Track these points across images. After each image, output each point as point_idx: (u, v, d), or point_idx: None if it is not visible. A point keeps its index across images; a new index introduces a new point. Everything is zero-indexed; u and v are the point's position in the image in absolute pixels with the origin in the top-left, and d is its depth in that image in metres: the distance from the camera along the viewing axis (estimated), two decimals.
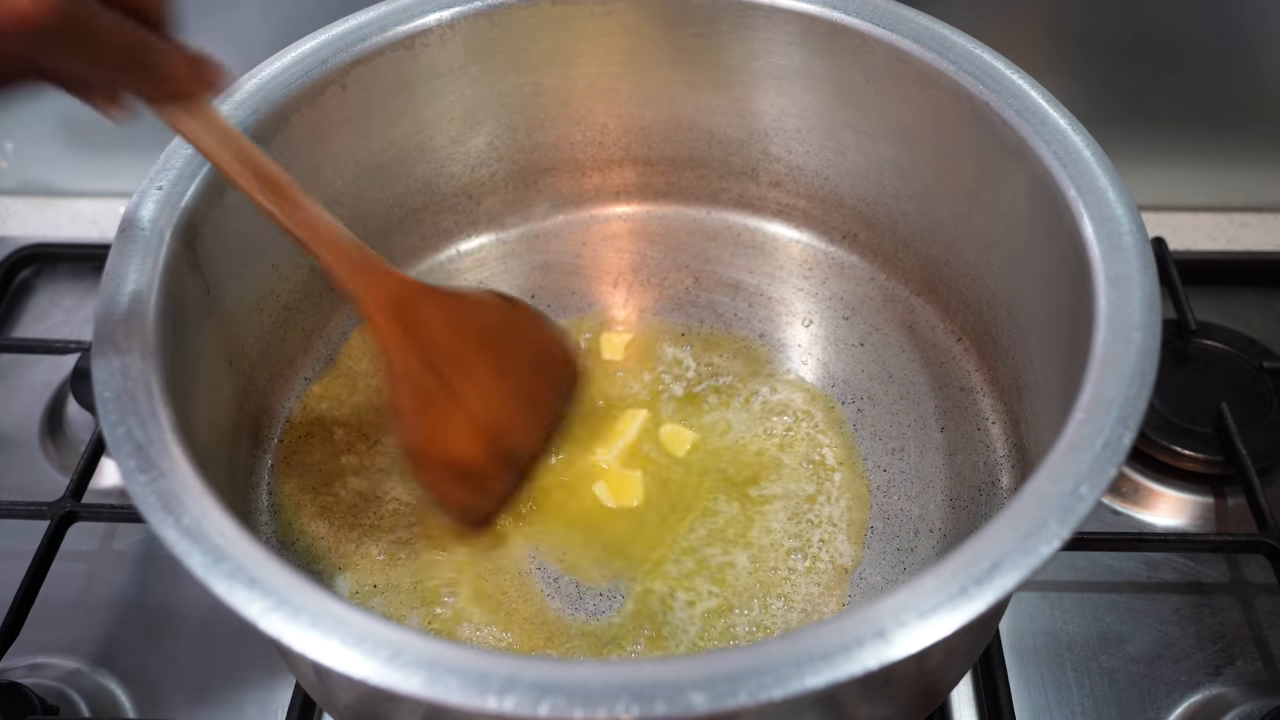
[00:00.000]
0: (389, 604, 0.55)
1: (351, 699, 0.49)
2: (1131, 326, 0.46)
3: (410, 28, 0.61)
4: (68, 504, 0.63)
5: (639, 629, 0.54)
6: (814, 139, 0.67)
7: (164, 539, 0.41)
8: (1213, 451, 0.67)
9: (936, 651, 0.39)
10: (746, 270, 0.69)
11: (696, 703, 0.36)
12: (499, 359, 0.57)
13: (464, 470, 0.56)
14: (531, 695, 0.36)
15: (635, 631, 0.54)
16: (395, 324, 0.53)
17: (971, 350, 0.64)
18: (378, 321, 0.52)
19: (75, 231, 0.86)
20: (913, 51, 0.58)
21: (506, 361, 0.58)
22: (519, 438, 0.58)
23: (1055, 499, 0.41)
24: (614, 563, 0.57)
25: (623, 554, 0.57)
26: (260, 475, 0.60)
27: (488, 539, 0.57)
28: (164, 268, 0.50)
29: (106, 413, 0.45)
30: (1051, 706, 0.59)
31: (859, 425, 0.62)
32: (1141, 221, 0.50)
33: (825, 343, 0.66)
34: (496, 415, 0.57)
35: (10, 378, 0.75)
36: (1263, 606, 0.62)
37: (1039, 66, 0.58)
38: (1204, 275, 0.77)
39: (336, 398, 0.63)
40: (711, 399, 0.63)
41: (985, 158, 0.57)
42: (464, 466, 0.56)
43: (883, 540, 0.58)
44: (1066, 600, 0.62)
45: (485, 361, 0.56)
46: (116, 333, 0.48)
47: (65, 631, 0.62)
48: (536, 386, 0.59)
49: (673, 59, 0.66)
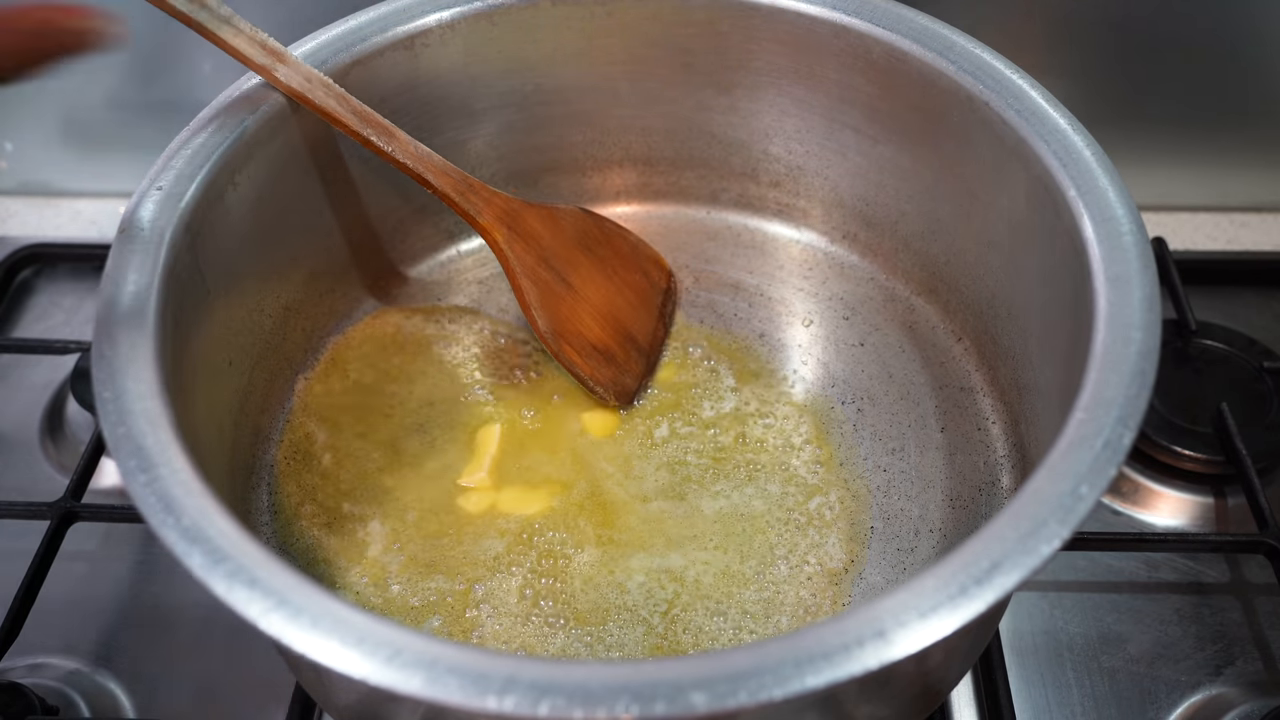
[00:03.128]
0: (389, 604, 0.55)
1: (351, 699, 0.49)
2: (1131, 326, 0.46)
3: (410, 28, 0.61)
4: (68, 504, 0.63)
5: (635, 627, 0.54)
6: (814, 139, 0.67)
7: (164, 539, 0.41)
8: (1213, 451, 0.67)
9: (936, 651, 0.39)
10: (746, 270, 0.69)
11: (696, 703, 0.36)
12: (600, 259, 0.65)
13: (598, 349, 0.62)
14: (531, 695, 0.36)
15: (632, 630, 0.54)
16: (511, 232, 0.61)
17: (971, 350, 0.64)
18: (496, 232, 0.60)
19: (75, 231, 0.86)
20: (913, 51, 0.58)
21: (607, 261, 0.65)
22: (636, 326, 0.64)
23: (1055, 499, 0.41)
24: (615, 563, 0.57)
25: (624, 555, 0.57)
26: (260, 475, 0.60)
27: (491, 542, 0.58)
28: (164, 268, 0.50)
29: (106, 413, 0.45)
30: (1051, 706, 0.59)
31: (859, 425, 0.62)
32: (1141, 221, 0.50)
33: (825, 343, 0.66)
34: (611, 303, 0.64)
35: (10, 378, 0.75)
36: (1263, 606, 0.62)
37: (1039, 66, 0.59)
38: (1204, 275, 0.77)
39: (336, 397, 0.63)
40: (711, 399, 0.63)
41: (985, 158, 0.57)
42: (597, 347, 0.62)
43: (883, 540, 0.58)
44: (1066, 600, 0.62)
45: (590, 261, 0.64)
46: (116, 333, 0.48)
47: (65, 631, 0.62)
48: (637, 282, 0.66)
49: (673, 59, 0.66)
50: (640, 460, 0.61)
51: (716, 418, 0.62)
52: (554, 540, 0.58)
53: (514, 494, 0.60)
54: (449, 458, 0.61)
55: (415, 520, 0.58)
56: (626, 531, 0.58)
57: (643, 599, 0.55)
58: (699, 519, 0.58)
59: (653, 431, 0.62)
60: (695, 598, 0.55)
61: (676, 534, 0.58)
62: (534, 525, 0.58)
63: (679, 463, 0.61)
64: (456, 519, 0.58)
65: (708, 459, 0.61)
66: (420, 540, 0.58)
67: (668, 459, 0.61)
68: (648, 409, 0.63)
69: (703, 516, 0.58)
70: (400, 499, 0.59)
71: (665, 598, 0.55)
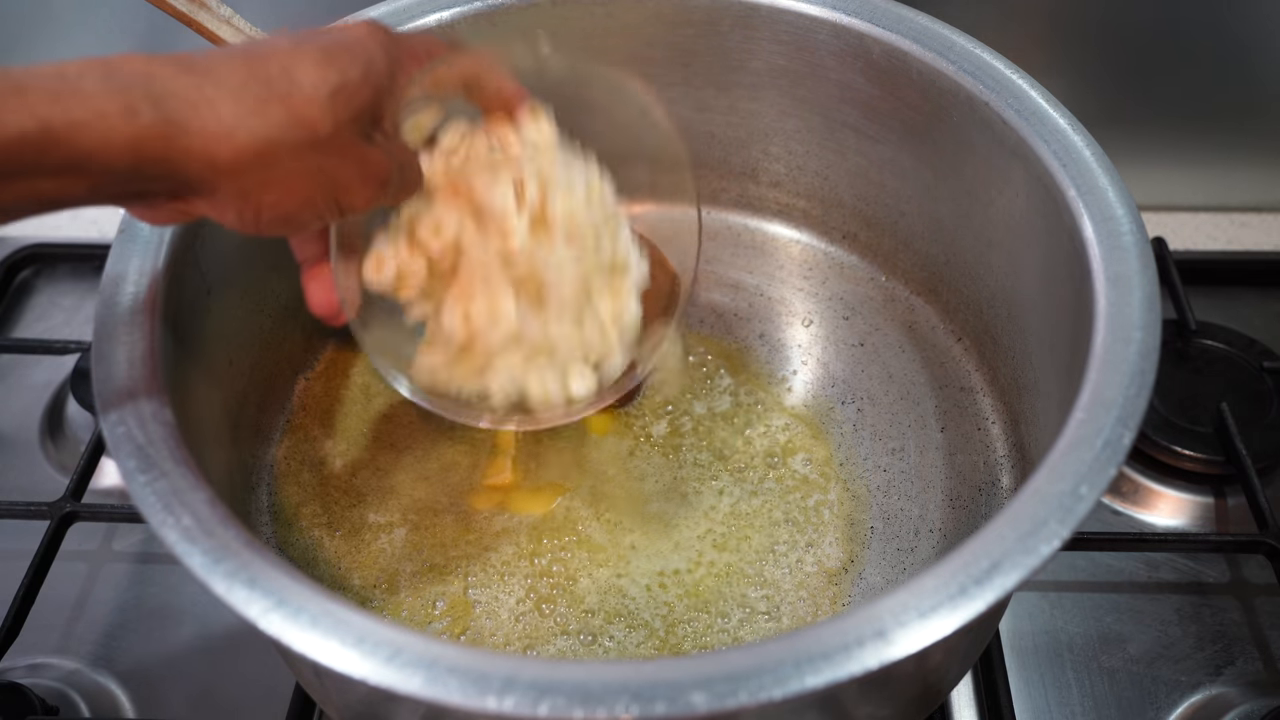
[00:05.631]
0: (389, 604, 0.55)
1: (351, 699, 0.49)
2: (1131, 326, 0.46)
3: (410, 28, 0.61)
4: (68, 504, 0.63)
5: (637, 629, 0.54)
6: (814, 139, 0.67)
7: (164, 539, 0.41)
8: (1213, 451, 0.67)
9: (936, 651, 0.39)
10: (746, 270, 0.69)
11: (696, 703, 0.36)
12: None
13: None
14: (531, 695, 0.36)
15: (634, 631, 0.54)
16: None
17: (971, 350, 0.64)
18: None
19: (75, 231, 0.86)
20: (913, 51, 0.58)
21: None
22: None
23: (1055, 499, 0.41)
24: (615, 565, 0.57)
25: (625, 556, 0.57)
26: (260, 476, 0.60)
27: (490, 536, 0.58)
28: (164, 268, 0.51)
29: (106, 413, 0.45)
30: (1051, 706, 0.59)
31: (859, 425, 0.62)
32: (1141, 221, 0.50)
33: (825, 343, 0.66)
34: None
35: (10, 378, 0.75)
36: (1263, 606, 0.62)
37: (1039, 66, 0.59)
38: (1204, 275, 0.77)
39: (336, 398, 0.63)
40: (711, 399, 0.63)
41: (985, 158, 0.57)
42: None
43: (883, 540, 0.58)
44: (1066, 600, 0.62)
45: None
46: (116, 333, 0.48)
47: (65, 631, 0.62)
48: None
49: (673, 59, 0.66)
50: (641, 461, 0.61)
51: (716, 418, 0.62)
52: (555, 541, 0.58)
53: (517, 495, 0.60)
54: (449, 458, 0.61)
55: (416, 521, 0.58)
56: (628, 533, 0.58)
57: (644, 600, 0.55)
58: (700, 519, 0.58)
59: (653, 432, 0.62)
60: (696, 598, 0.55)
61: (677, 535, 0.58)
62: (535, 526, 0.58)
63: (679, 463, 0.61)
64: (457, 520, 0.58)
65: (708, 459, 0.61)
66: (421, 541, 0.58)
67: (668, 459, 0.61)
68: (648, 409, 0.63)
69: (703, 517, 0.58)
70: (400, 499, 0.59)
71: (666, 600, 0.55)
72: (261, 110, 0.40)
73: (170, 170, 0.39)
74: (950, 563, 0.40)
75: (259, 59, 0.41)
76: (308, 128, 0.41)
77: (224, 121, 0.39)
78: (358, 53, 0.43)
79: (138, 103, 0.37)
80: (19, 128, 0.35)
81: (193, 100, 0.38)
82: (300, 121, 0.40)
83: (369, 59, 0.43)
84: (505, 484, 0.60)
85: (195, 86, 0.39)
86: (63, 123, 0.36)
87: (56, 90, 0.36)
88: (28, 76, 0.36)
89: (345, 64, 0.42)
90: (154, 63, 0.39)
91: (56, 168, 0.37)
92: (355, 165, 0.43)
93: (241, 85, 0.40)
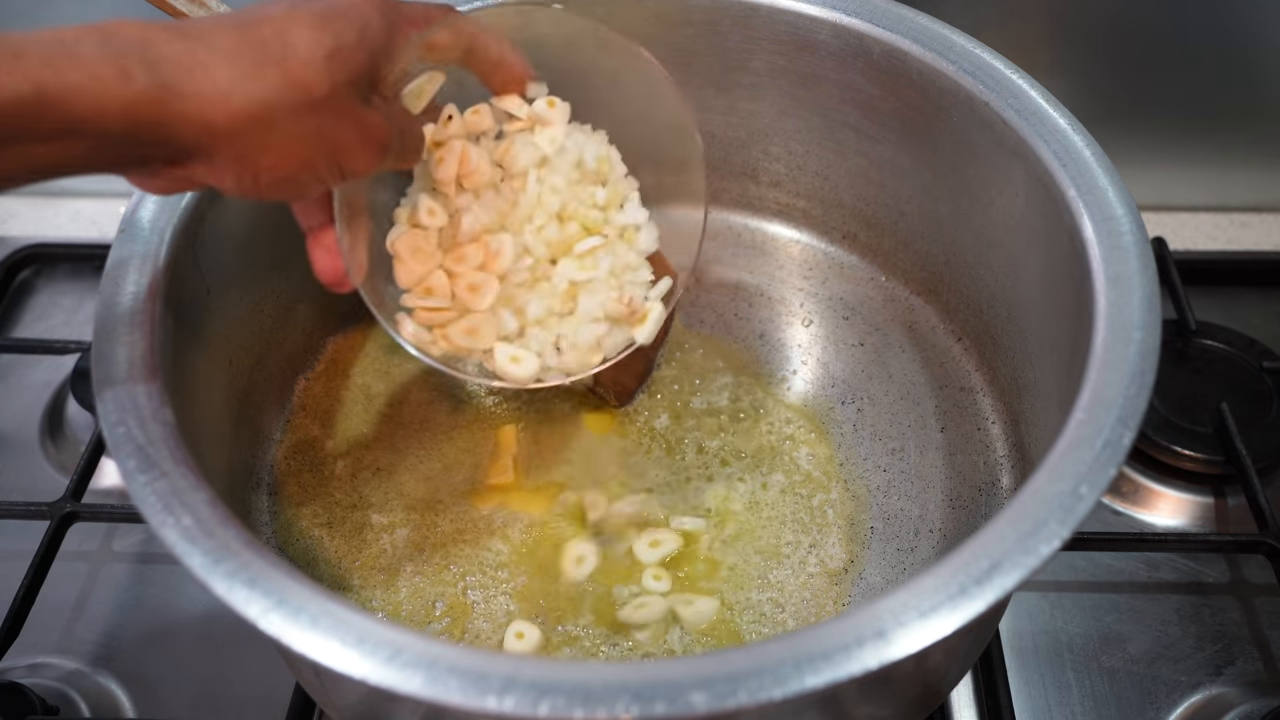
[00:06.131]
0: (389, 604, 0.55)
1: (351, 699, 0.49)
2: (1131, 326, 0.46)
3: None
4: (68, 504, 0.63)
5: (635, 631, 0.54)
6: (814, 139, 0.67)
7: (164, 539, 0.41)
8: (1213, 451, 0.67)
9: (936, 651, 0.39)
10: (746, 270, 0.69)
11: (696, 703, 0.36)
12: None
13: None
14: (531, 695, 0.36)
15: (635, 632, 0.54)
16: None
17: (971, 350, 0.64)
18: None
19: (75, 231, 0.86)
20: (913, 51, 0.58)
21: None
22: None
23: (1055, 499, 0.41)
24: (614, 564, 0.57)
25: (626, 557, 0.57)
26: (260, 476, 0.60)
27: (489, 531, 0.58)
28: (164, 268, 0.50)
29: (106, 413, 0.45)
30: (1051, 706, 0.59)
31: (859, 425, 0.62)
32: (1141, 221, 0.50)
33: (825, 343, 0.66)
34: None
35: (10, 378, 0.75)
36: (1263, 606, 0.62)
37: (1039, 66, 0.59)
38: (1204, 275, 0.77)
39: (336, 398, 0.63)
40: (711, 399, 0.63)
41: (985, 158, 0.57)
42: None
43: (883, 540, 0.58)
44: (1066, 600, 0.62)
45: None
46: (116, 333, 0.48)
47: (65, 631, 0.62)
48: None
49: (673, 59, 0.65)
50: (641, 461, 0.61)
51: (716, 418, 0.62)
52: (556, 542, 0.58)
53: (518, 495, 0.60)
54: (450, 458, 0.61)
55: (416, 521, 0.58)
56: (629, 534, 0.58)
57: (645, 601, 0.55)
58: (700, 520, 0.58)
59: (653, 432, 0.62)
60: (697, 598, 0.55)
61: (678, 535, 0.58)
62: (536, 526, 0.58)
63: (679, 463, 0.60)
64: (458, 520, 0.58)
65: (708, 460, 0.61)
66: (421, 541, 0.58)
67: (668, 459, 0.61)
68: (648, 409, 0.63)
69: (704, 518, 0.58)
70: (401, 499, 0.59)
71: (667, 601, 0.55)
72: (257, 74, 0.40)
73: (166, 135, 0.39)
74: (950, 563, 0.40)
75: (253, 23, 0.41)
76: (303, 91, 0.41)
77: (219, 85, 0.39)
78: (353, 16, 0.43)
79: (133, 67, 0.37)
80: (14, 91, 0.35)
81: (187, 65, 0.38)
82: (296, 85, 0.40)
83: (365, 22, 0.43)
84: (506, 484, 0.60)
85: (189, 51, 0.39)
86: (57, 86, 0.36)
87: (52, 55, 0.36)
88: (25, 42, 0.36)
89: (341, 27, 0.42)
90: (150, 29, 0.39)
91: (52, 132, 0.37)
92: (354, 128, 0.43)
93: (236, 49, 0.40)
